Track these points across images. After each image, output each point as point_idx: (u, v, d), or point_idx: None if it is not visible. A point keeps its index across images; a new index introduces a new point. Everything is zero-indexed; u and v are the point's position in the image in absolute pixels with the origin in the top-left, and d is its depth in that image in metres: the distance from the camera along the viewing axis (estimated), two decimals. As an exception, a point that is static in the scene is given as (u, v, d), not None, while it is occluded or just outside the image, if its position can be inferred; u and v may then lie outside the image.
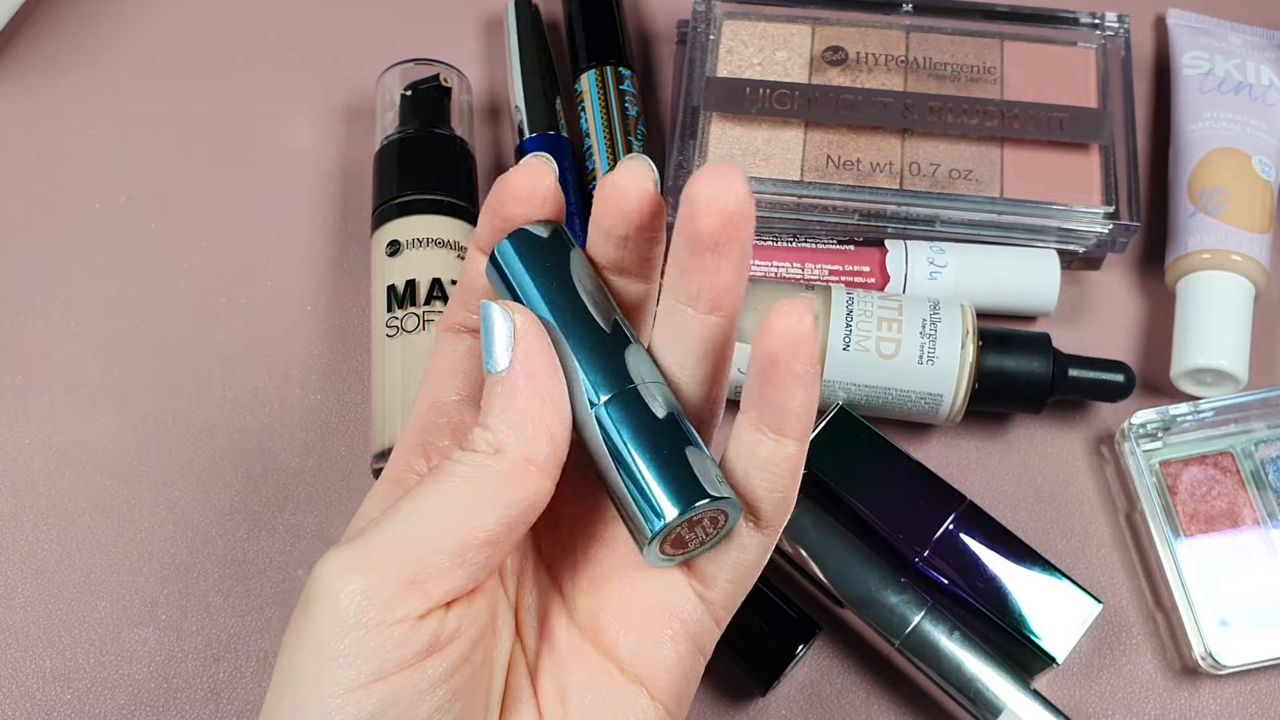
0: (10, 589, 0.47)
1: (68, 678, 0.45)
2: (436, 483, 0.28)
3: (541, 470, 0.28)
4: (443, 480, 0.28)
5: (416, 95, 0.53)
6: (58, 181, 0.55)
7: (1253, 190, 0.52)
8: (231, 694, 0.45)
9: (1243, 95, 0.54)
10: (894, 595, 0.43)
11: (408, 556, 0.27)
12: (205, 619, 0.46)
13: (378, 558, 0.27)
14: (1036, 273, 0.51)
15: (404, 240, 0.49)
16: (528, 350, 0.28)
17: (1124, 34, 0.55)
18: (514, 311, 0.28)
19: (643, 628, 0.30)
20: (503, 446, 0.28)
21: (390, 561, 0.27)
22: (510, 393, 0.28)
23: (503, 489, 0.27)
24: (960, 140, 0.52)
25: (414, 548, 0.27)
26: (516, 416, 0.28)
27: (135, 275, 0.53)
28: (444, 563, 0.27)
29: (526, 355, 0.28)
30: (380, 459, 0.46)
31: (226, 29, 0.59)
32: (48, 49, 0.59)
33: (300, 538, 0.48)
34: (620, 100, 0.54)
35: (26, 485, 0.49)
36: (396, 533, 0.27)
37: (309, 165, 0.56)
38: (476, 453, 0.28)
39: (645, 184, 0.29)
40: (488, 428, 0.28)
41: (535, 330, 0.28)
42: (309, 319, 0.52)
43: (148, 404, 0.50)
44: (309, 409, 0.50)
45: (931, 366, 0.47)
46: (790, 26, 0.56)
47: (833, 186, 0.51)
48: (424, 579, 0.27)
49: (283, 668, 0.27)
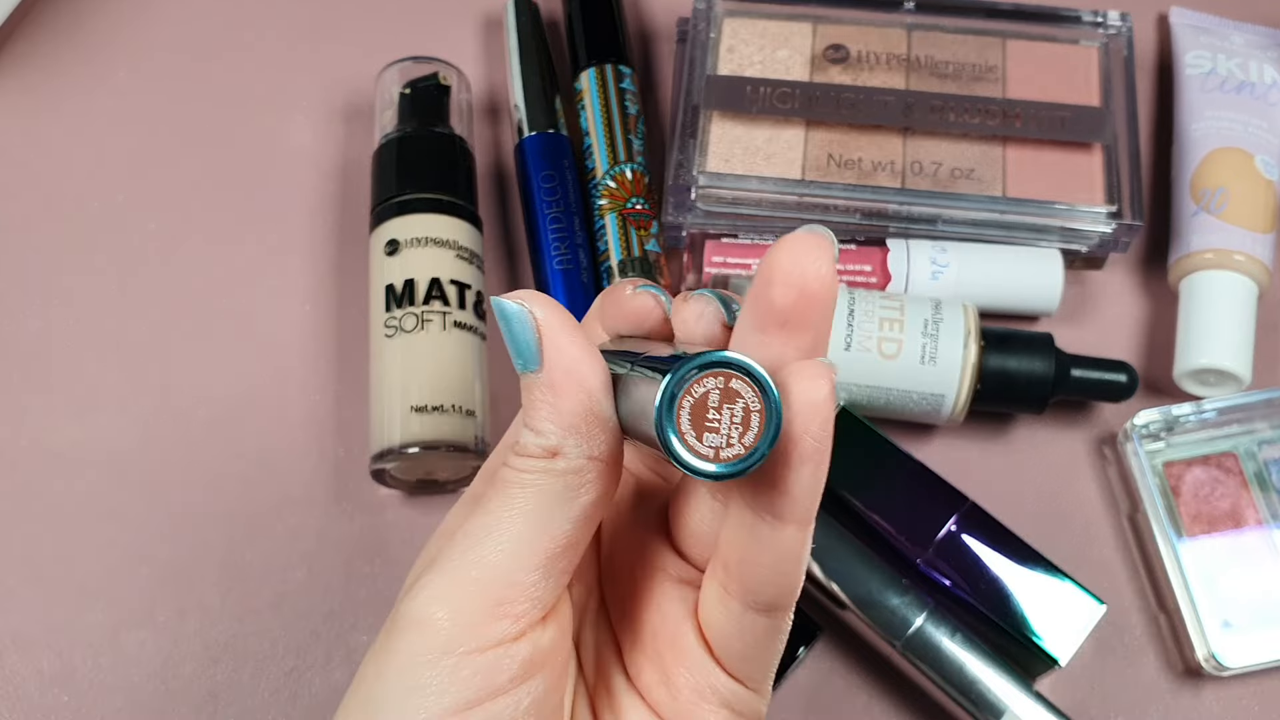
0: (8, 591, 0.47)
1: (65, 680, 0.45)
2: (505, 497, 0.27)
3: (606, 462, 0.27)
4: (511, 493, 0.27)
5: (415, 94, 0.53)
6: (56, 180, 0.55)
7: (1255, 190, 0.51)
8: (230, 696, 0.45)
9: (1245, 94, 0.54)
10: (895, 597, 0.43)
11: (491, 577, 0.26)
12: (203, 621, 0.46)
13: (462, 582, 0.26)
14: (1039, 272, 0.51)
15: (403, 239, 0.48)
16: (558, 345, 0.26)
17: (1126, 33, 0.55)
18: (531, 303, 0.26)
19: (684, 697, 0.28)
20: (561, 449, 0.26)
21: (475, 584, 0.26)
22: (552, 392, 0.26)
23: (573, 492, 0.26)
24: (962, 139, 0.52)
25: (496, 568, 0.26)
26: (567, 417, 0.26)
27: (133, 275, 0.53)
28: (528, 578, 0.26)
29: (559, 350, 0.26)
30: (379, 459, 0.46)
31: (225, 27, 0.59)
32: (46, 47, 0.59)
33: (299, 539, 0.48)
34: (620, 99, 0.54)
35: (24, 486, 0.49)
36: (476, 555, 0.26)
37: (307, 164, 0.56)
38: (534, 458, 0.26)
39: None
40: (539, 432, 0.26)
41: (560, 319, 0.26)
42: (307, 318, 0.52)
43: (145, 404, 0.50)
44: (307, 409, 0.50)
45: (933, 366, 0.46)
46: (791, 24, 0.55)
47: (834, 185, 0.51)
48: (511, 599, 0.26)
49: (363, 701, 0.26)
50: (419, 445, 0.45)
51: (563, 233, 0.51)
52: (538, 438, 0.26)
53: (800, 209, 0.51)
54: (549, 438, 0.26)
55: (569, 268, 0.50)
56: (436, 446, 0.45)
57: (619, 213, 0.51)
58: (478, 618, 0.26)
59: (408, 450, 0.45)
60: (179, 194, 0.55)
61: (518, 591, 0.26)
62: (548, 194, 0.52)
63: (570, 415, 0.26)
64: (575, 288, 0.50)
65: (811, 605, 0.46)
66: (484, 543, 0.26)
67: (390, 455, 0.46)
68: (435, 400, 0.46)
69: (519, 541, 0.26)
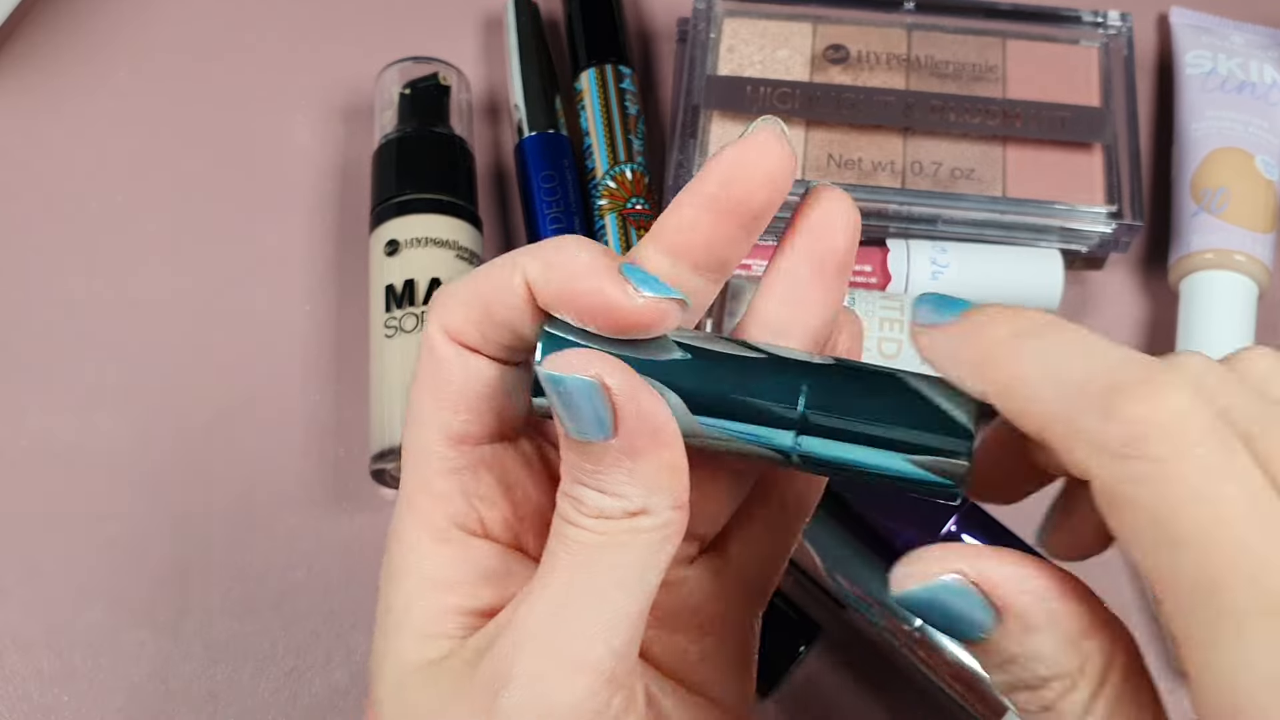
0: (7, 591, 0.47)
1: (65, 680, 0.45)
2: (590, 565, 0.25)
3: (684, 508, 0.25)
4: (595, 558, 0.25)
5: (415, 94, 0.53)
6: (56, 180, 0.55)
7: (1256, 190, 0.51)
8: (230, 696, 0.45)
9: (1245, 94, 0.54)
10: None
11: (601, 653, 0.24)
12: (203, 621, 0.46)
13: (574, 665, 0.24)
14: (1039, 272, 0.51)
15: (402, 240, 0.48)
16: (637, 412, 0.24)
17: (1127, 32, 0.55)
18: (602, 371, 0.24)
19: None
20: (650, 507, 0.25)
21: (587, 664, 0.24)
22: (630, 454, 0.24)
23: (663, 546, 0.25)
24: (962, 139, 0.52)
25: (600, 641, 0.24)
26: (650, 477, 0.24)
27: (132, 275, 0.53)
28: (630, 642, 0.25)
29: (638, 417, 0.24)
30: (378, 459, 0.46)
31: (225, 27, 0.59)
32: (46, 47, 0.59)
33: (298, 539, 0.48)
34: (620, 99, 0.54)
35: (23, 486, 0.48)
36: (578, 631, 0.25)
37: (307, 164, 0.56)
38: (614, 519, 0.25)
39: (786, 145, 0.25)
40: (618, 496, 0.24)
41: (633, 385, 0.24)
42: (307, 319, 0.52)
43: (145, 405, 0.50)
44: (307, 409, 0.50)
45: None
46: (791, 25, 0.55)
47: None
48: (620, 669, 0.25)
49: None
50: (419, 445, 0.45)
51: (563, 233, 0.51)
52: (617, 501, 0.25)
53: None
54: (632, 500, 0.25)
55: (569, 268, 0.50)
56: (436, 446, 0.45)
57: (619, 213, 0.51)
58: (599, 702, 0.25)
59: (408, 450, 0.45)
60: (179, 194, 0.55)
61: (624, 664, 0.25)
62: (548, 194, 0.52)
63: (655, 476, 0.24)
64: (575, 288, 0.50)
65: (811, 605, 0.46)
66: (582, 615, 0.25)
67: (390, 455, 0.46)
68: (435, 400, 0.46)
69: (618, 613, 0.25)
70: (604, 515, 0.25)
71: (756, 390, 0.26)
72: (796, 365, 0.26)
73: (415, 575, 0.27)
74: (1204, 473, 0.21)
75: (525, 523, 0.28)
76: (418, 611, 0.27)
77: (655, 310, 0.25)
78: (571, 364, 0.24)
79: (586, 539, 0.25)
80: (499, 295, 0.26)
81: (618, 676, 0.25)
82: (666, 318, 0.25)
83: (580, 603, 0.25)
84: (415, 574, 0.27)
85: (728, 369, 0.26)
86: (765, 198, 0.26)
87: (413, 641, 0.26)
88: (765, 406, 0.26)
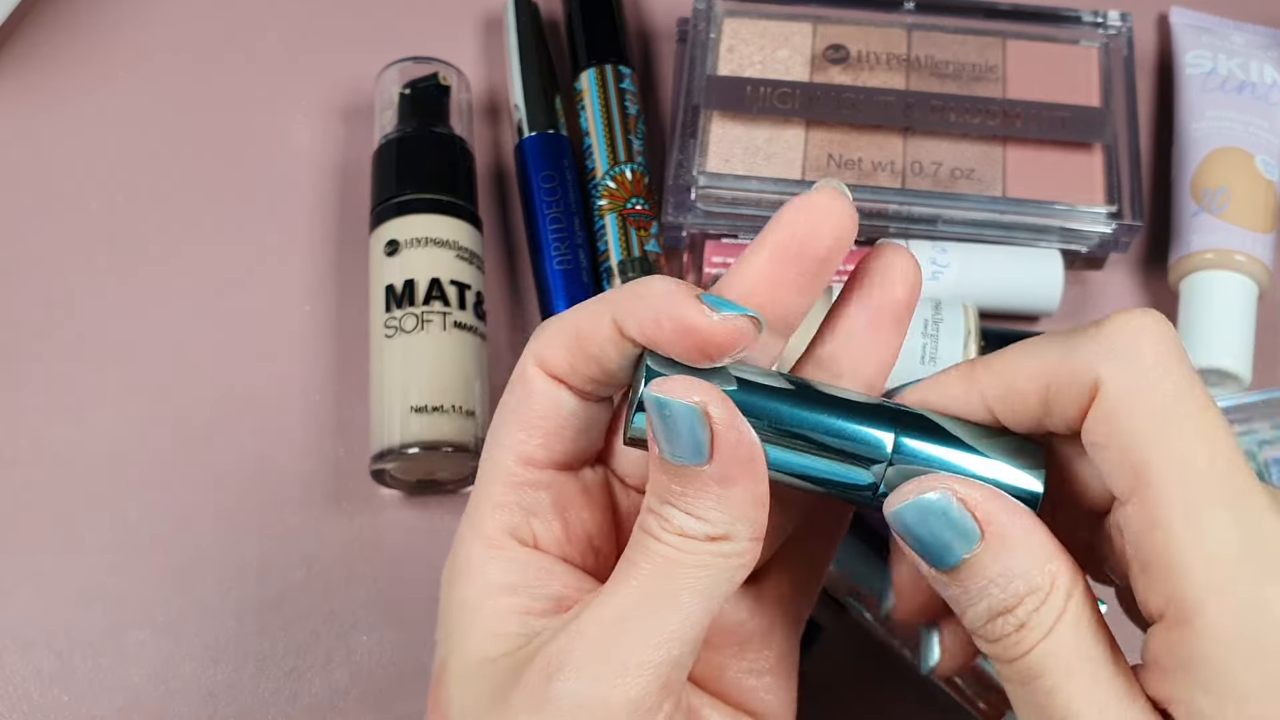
0: (7, 591, 0.47)
1: (65, 680, 0.45)
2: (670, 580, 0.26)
3: (760, 540, 0.27)
4: (676, 574, 0.26)
5: (415, 94, 0.53)
6: (56, 180, 0.55)
7: (1256, 190, 0.51)
8: (230, 696, 0.45)
9: (1246, 94, 0.54)
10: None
11: (661, 658, 0.26)
12: (203, 621, 0.46)
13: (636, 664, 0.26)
14: (1039, 272, 0.51)
15: (402, 240, 0.48)
16: (735, 441, 0.26)
17: (1126, 32, 0.55)
18: (706, 400, 0.25)
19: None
20: (732, 534, 0.26)
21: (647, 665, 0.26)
22: (722, 482, 0.26)
23: (736, 573, 0.27)
24: (962, 139, 0.52)
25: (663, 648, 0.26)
26: (737, 506, 0.26)
27: (133, 275, 0.53)
28: (688, 655, 0.26)
29: (735, 446, 0.26)
30: (379, 459, 0.46)
31: (225, 27, 0.59)
32: (46, 47, 0.59)
33: (299, 539, 0.48)
34: (620, 99, 0.54)
35: (23, 486, 0.48)
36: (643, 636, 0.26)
37: (307, 164, 0.56)
38: (697, 540, 0.26)
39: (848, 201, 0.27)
40: (704, 520, 0.26)
41: (730, 411, 0.26)
42: (307, 319, 0.52)
43: (144, 404, 0.50)
44: (307, 409, 0.50)
45: (933, 367, 0.46)
46: (791, 25, 0.55)
47: (834, 186, 0.51)
48: (675, 678, 0.26)
49: None
50: (419, 445, 0.45)
51: (563, 233, 0.51)
52: (701, 524, 0.26)
53: (800, 209, 0.51)
54: (717, 526, 0.26)
55: (569, 268, 0.50)
56: (437, 447, 0.45)
57: (619, 213, 0.51)
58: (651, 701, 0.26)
59: (408, 450, 0.45)
60: (179, 194, 0.55)
61: (679, 671, 0.26)
62: (548, 194, 0.52)
63: (742, 505, 0.26)
64: (575, 288, 0.50)
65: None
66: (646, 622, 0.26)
67: (390, 455, 0.46)
68: (435, 400, 0.46)
69: (686, 624, 0.26)
70: (686, 534, 0.26)
71: (846, 432, 0.27)
72: (886, 411, 0.28)
73: (480, 579, 0.28)
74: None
75: (574, 545, 0.30)
76: (486, 611, 0.28)
77: (732, 328, 0.26)
78: (677, 389, 0.25)
79: (668, 553, 0.26)
80: (590, 330, 0.28)
81: (671, 684, 0.26)
82: (742, 335, 0.26)
83: (650, 610, 0.26)
84: (480, 578, 0.29)
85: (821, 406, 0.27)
86: (829, 246, 0.27)
87: (480, 640, 0.28)
88: (854, 448, 0.27)
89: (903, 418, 0.28)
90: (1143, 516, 0.25)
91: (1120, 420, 0.25)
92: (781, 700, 0.31)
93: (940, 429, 0.28)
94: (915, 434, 0.27)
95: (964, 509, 0.26)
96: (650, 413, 0.26)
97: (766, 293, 0.27)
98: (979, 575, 0.26)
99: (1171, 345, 0.26)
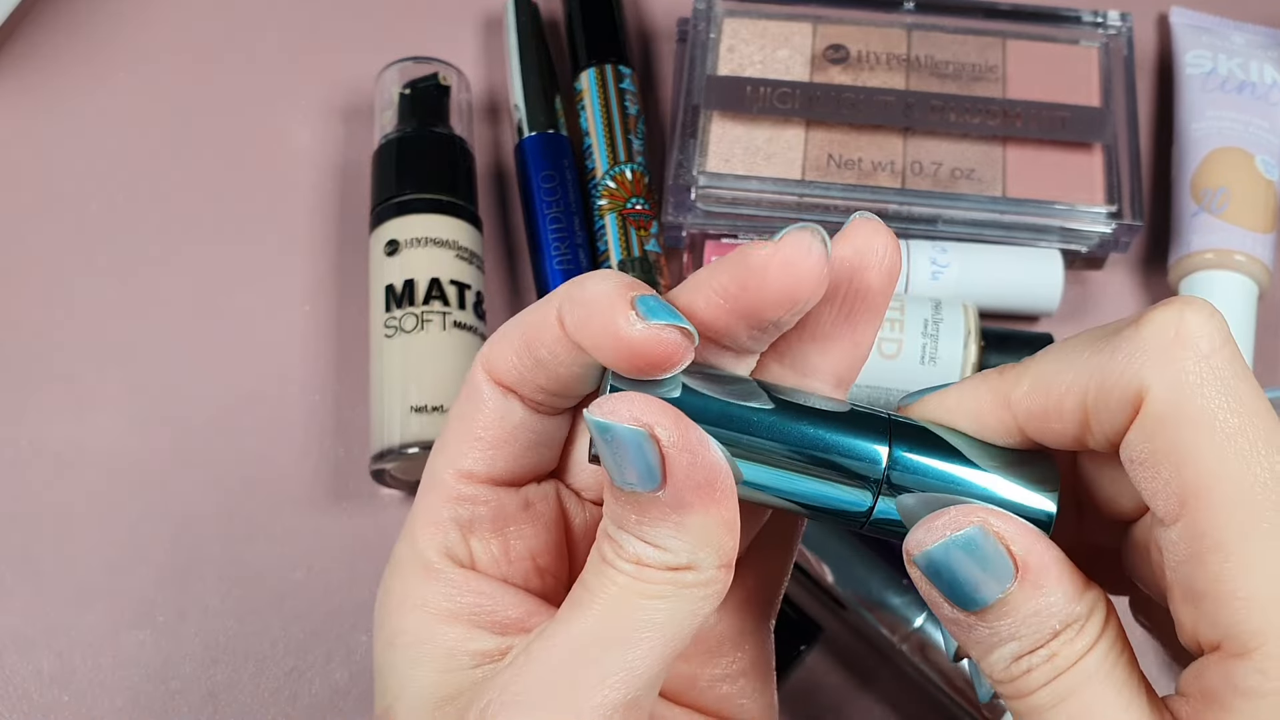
0: (7, 591, 0.47)
1: (65, 681, 0.45)
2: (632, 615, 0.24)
3: (731, 566, 0.24)
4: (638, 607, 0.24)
5: (415, 94, 0.53)
6: (56, 180, 0.55)
7: (1256, 190, 0.51)
8: (229, 696, 0.45)
9: (1246, 94, 0.54)
10: (896, 596, 0.43)
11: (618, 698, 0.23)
12: (203, 621, 0.46)
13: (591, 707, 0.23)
14: (1039, 272, 0.51)
15: (402, 240, 0.48)
16: (689, 465, 0.23)
17: (1126, 32, 0.55)
18: (652, 421, 0.23)
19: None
20: (695, 563, 0.24)
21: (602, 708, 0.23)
22: (678, 509, 0.23)
23: (704, 604, 0.24)
24: (962, 139, 0.52)
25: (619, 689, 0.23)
26: (698, 533, 0.24)
27: (133, 275, 0.53)
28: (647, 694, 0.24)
29: (689, 470, 0.23)
30: (379, 459, 0.46)
31: (225, 28, 0.59)
32: (46, 47, 0.59)
33: (299, 539, 0.48)
34: (620, 99, 0.54)
35: (23, 486, 0.48)
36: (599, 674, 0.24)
37: (307, 164, 0.56)
38: (658, 569, 0.24)
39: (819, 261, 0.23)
40: (664, 549, 0.24)
41: (686, 437, 0.23)
42: (307, 319, 0.52)
43: (144, 405, 0.50)
44: (307, 410, 0.50)
45: (934, 367, 0.46)
46: (791, 24, 0.55)
47: (834, 186, 0.51)
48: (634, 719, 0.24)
49: None
50: (419, 445, 0.45)
51: (563, 233, 0.51)
52: (661, 554, 0.24)
53: (800, 209, 0.51)
54: (678, 555, 0.24)
55: (569, 268, 0.50)
56: (436, 446, 0.45)
57: (619, 213, 0.51)
58: None
59: (408, 450, 0.45)
60: (179, 194, 0.55)
61: (641, 713, 0.24)
62: (548, 194, 0.52)
63: (703, 532, 0.24)
64: (575, 288, 0.50)
65: (811, 605, 0.46)
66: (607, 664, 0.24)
67: (390, 455, 0.46)
68: (435, 400, 0.46)
69: (644, 661, 0.24)
70: (644, 564, 0.24)
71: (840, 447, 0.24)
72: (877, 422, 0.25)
73: (418, 609, 0.26)
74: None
75: (514, 566, 0.28)
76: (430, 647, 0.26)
77: (657, 339, 0.23)
78: (619, 410, 0.23)
79: (625, 584, 0.24)
80: (537, 332, 0.25)
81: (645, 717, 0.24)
82: (671, 349, 0.23)
83: (605, 646, 0.24)
84: (419, 608, 0.26)
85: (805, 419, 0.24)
86: (776, 315, 0.24)
87: (427, 681, 0.26)
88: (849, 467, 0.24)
89: (898, 429, 0.25)
90: (1192, 541, 0.23)
91: (1165, 437, 0.23)
92: (759, 705, 0.30)
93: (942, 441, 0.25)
94: (913, 448, 0.25)
95: (999, 544, 0.23)
96: (594, 438, 0.23)
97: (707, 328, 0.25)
98: (1010, 615, 0.24)
99: (1220, 344, 0.23)
